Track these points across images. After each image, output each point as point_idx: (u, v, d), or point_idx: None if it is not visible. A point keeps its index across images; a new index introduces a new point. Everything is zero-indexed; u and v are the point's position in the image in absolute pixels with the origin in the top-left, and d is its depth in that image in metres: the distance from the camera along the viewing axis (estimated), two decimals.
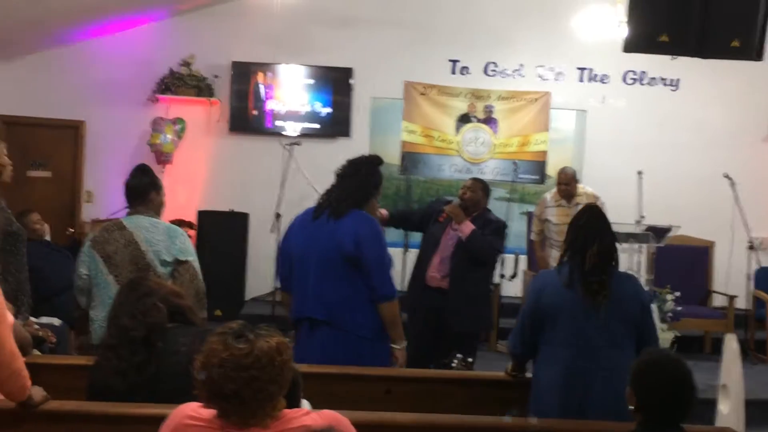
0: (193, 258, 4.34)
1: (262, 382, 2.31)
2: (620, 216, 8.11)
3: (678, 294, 7.18)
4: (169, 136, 9.32)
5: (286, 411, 2.44)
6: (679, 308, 7.24)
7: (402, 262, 7.88)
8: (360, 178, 4.54)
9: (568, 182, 8.05)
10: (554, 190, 8.28)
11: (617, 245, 3.92)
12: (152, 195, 4.44)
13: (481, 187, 6.12)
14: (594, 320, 3.69)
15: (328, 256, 4.37)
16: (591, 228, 3.85)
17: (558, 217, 7.96)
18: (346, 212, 4.42)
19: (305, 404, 2.90)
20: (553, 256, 7.85)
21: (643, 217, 8.49)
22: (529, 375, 4.04)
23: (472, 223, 5.85)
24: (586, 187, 8.26)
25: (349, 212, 4.42)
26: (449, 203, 6.04)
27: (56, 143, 9.61)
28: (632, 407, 2.93)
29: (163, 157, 9.26)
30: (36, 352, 4.50)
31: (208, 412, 2.41)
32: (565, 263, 3.87)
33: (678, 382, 2.88)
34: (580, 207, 7.85)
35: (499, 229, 6.03)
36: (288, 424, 2.40)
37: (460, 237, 5.85)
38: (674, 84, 9.95)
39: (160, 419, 2.54)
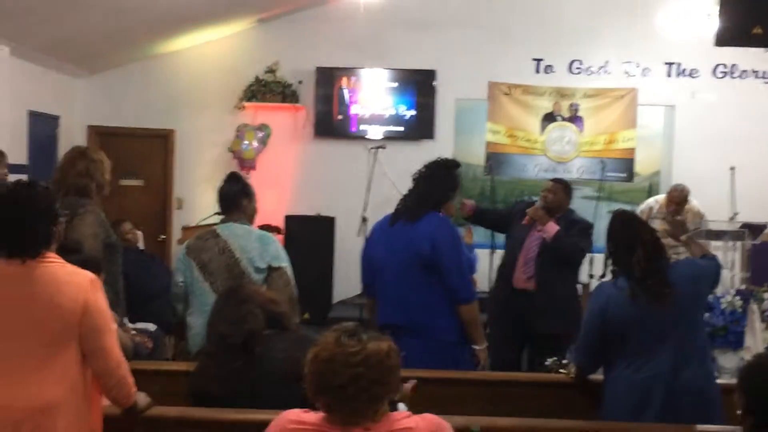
0: (286, 264, 4.39)
1: (367, 381, 2.34)
2: (713, 213, 7.97)
3: None
4: (251, 143, 9.44)
5: (389, 414, 2.45)
6: None
7: (489, 263, 7.83)
8: (435, 181, 4.52)
9: (680, 202, 7.88)
10: (662, 199, 8.12)
11: (658, 237, 3.84)
12: (244, 202, 4.49)
13: (563, 188, 6.02)
14: (664, 321, 3.62)
15: (406, 261, 4.37)
16: (626, 237, 3.77)
17: (662, 231, 7.83)
18: (421, 216, 4.40)
19: (401, 407, 2.91)
20: None
21: (736, 213, 8.29)
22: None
23: (556, 225, 5.79)
24: (693, 201, 8.04)
25: (425, 215, 4.41)
26: (532, 205, 5.98)
27: (147, 152, 9.83)
28: (739, 411, 2.86)
29: (246, 163, 9.39)
30: None
31: (312, 416, 2.44)
32: (618, 275, 3.79)
33: None
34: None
35: (584, 229, 5.96)
36: (390, 426, 2.41)
37: (544, 238, 5.78)
38: (767, 76, 9.67)
39: (260, 425, 2.58)
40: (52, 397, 2.84)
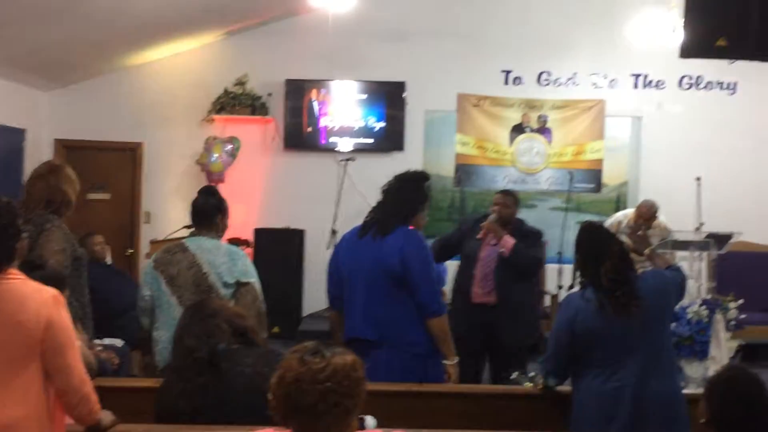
0: (254, 279, 4.36)
1: (338, 396, 2.31)
2: (679, 223, 8.02)
3: (742, 301, 7.02)
4: (219, 155, 9.39)
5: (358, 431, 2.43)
6: (743, 316, 7.09)
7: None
8: (404, 194, 4.49)
9: (649, 218, 7.93)
10: (631, 213, 8.18)
11: (626, 249, 3.92)
12: (218, 218, 4.47)
13: (513, 200, 6.05)
14: (632, 332, 3.67)
15: (375, 275, 4.34)
16: (594, 249, 3.83)
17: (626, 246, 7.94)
18: (391, 229, 4.38)
19: (369, 420, 2.89)
20: None
21: (702, 223, 8.35)
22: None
23: (512, 238, 5.81)
24: (661, 217, 8.10)
25: (395, 229, 4.39)
26: (482, 218, 5.99)
27: (115, 165, 9.77)
28: (703, 420, 2.89)
29: (214, 176, 9.33)
30: None
31: None
32: (586, 286, 3.83)
33: (755, 400, 2.87)
34: (653, 239, 7.83)
35: (536, 239, 6.03)
36: None
37: (500, 252, 5.80)
38: (731, 88, 9.79)
39: None
40: (15, 416, 2.81)
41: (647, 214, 7.97)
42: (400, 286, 4.31)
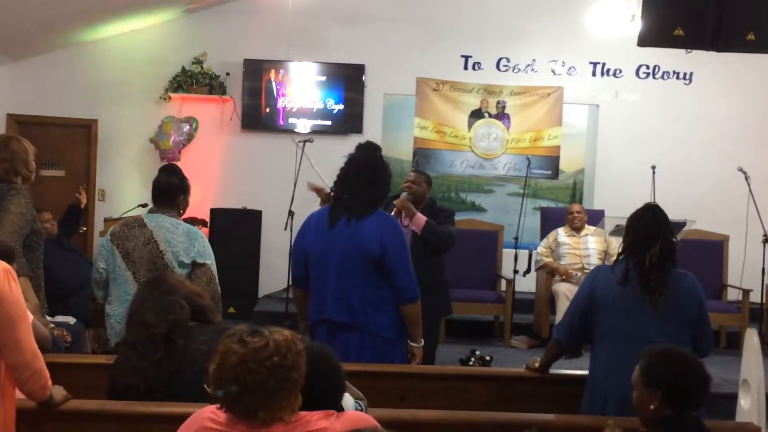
0: (211, 261, 4.32)
1: (285, 369, 2.31)
2: (633, 211, 8.11)
3: None
4: (170, 134, 9.30)
5: (303, 413, 2.41)
6: None
7: None
8: (372, 174, 4.42)
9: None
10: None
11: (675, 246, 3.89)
12: (179, 198, 4.44)
13: (425, 179, 6.01)
14: (650, 316, 3.70)
15: (350, 258, 4.30)
16: (654, 227, 3.82)
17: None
18: (367, 214, 4.35)
19: (348, 399, 2.85)
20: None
21: None
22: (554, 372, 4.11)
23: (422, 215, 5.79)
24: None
25: (371, 214, 4.36)
26: (395, 198, 6.00)
27: (69, 142, 9.63)
28: (653, 406, 2.90)
29: (167, 155, 9.25)
30: None
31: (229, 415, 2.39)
32: (620, 261, 3.86)
33: (697, 371, 2.92)
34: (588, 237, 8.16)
35: (449, 216, 5.98)
36: (307, 427, 2.38)
37: (413, 230, 5.77)
38: (687, 78, 9.90)
39: (180, 418, 2.54)
40: None
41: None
42: (376, 271, 4.29)
